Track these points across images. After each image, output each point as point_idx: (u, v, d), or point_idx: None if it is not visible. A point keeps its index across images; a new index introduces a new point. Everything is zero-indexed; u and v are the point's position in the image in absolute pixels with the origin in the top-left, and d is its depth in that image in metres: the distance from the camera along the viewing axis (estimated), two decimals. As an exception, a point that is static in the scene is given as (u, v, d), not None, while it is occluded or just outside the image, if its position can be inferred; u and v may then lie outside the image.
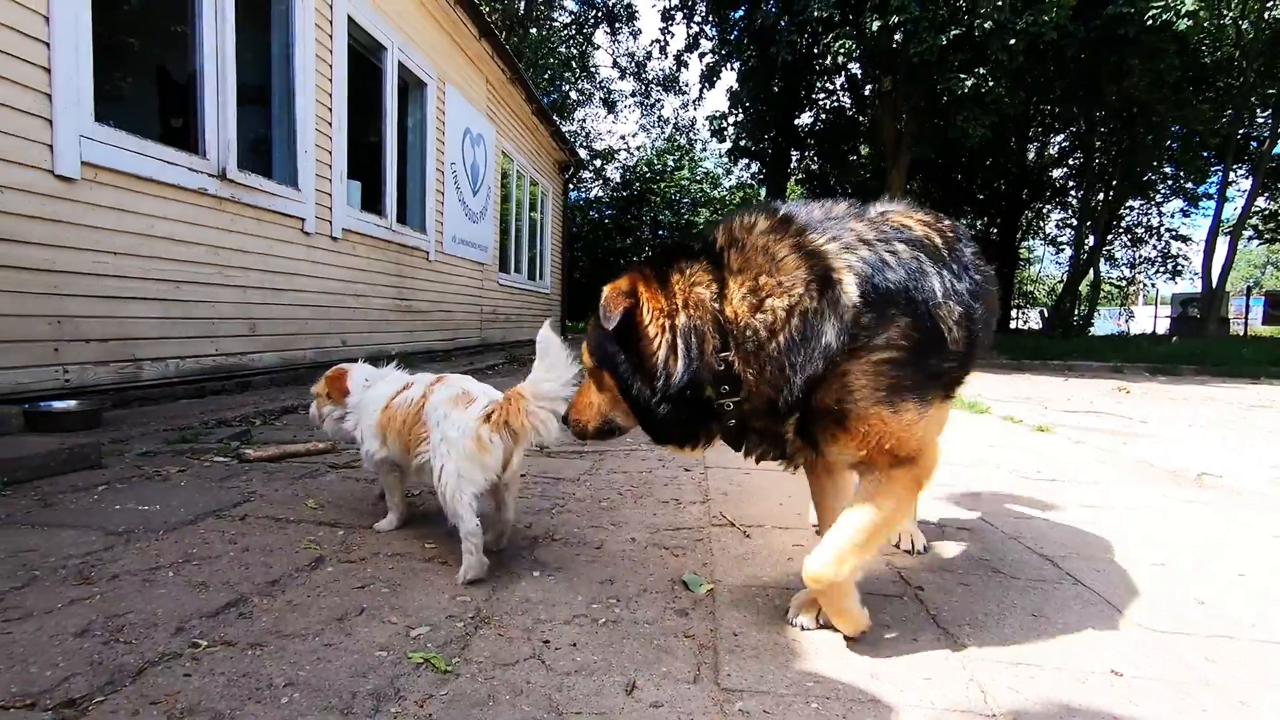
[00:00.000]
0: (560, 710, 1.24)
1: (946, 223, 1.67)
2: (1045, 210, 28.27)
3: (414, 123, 8.78)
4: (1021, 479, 3.37)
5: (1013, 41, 12.26)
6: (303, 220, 6.12)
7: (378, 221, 7.61)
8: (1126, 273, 30.64)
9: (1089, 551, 2.31)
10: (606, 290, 1.54)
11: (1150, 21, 12.42)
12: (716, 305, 1.45)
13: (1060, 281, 28.22)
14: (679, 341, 1.46)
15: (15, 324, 3.61)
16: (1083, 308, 22.61)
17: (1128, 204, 25.04)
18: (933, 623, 1.70)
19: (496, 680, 1.34)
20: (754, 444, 1.61)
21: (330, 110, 6.52)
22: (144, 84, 6.87)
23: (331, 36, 6.45)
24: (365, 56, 7.48)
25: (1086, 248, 22.11)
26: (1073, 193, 25.13)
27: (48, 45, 3.71)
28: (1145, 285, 34.16)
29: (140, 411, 4.19)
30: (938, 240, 1.55)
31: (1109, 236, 25.48)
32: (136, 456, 3.05)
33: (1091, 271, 22.78)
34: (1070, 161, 24.57)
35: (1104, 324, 29.83)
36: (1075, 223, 23.72)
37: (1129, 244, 28.14)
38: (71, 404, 3.66)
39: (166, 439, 3.44)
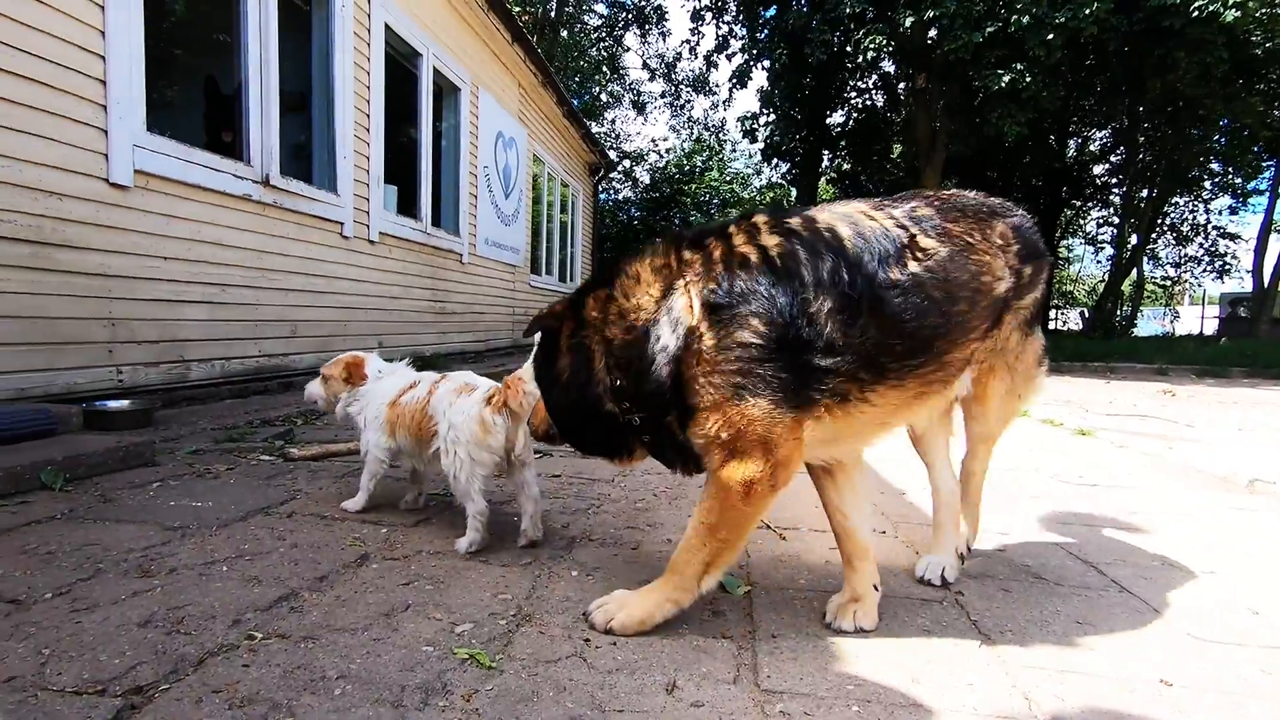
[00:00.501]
0: (603, 708, 1.27)
1: (900, 210, 1.65)
2: (1085, 208, 27.55)
3: (448, 127, 8.92)
4: (1063, 484, 3.31)
5: (1051, 36, 11.97)
6: (341, 224, 6.26)
7: (413, 225, 7.75)
8: (1171, 272, 29.69)
9: (1134, 558, 2.26)
10: (547, 309, 1.73)
11: (1196, 13, 12.01)
12: (602, 328, 1.61)
13: (1101, 281, 27.48)
14: (577, 358, 1.65)
15: (73, 326, 3.77)
16: (1125, 308, 21.99)
17: (1172, 201, 24.27)
18: (974, 628, 1.69)
19: (540, 677, 1.36)
20: (668, 455, 1.66)
21: (368, 116, 6.66)
22: (189, 93, 7.09)
23: (369, 44, 6.59)
24: (401, 62, 7.62)
25: (1129, 246, 21.49)
26: (1114, 190, 24.45)
27: (103, 58, 3.87)
28: (1191, 285, 33.08)
29: (188, 411, 4.33)
30: (845, 233, 1.54)
31: (1152, 234, 24.74)
32: (187, 454, 3.15)
33: (1134, 271, 22.14)
34: (1112, 158, 23.91)
35: (1147, 325, 28.97)
36: (1117, 220, 23.09)
37: (1174, 242, 27.24)
38: (125, 403, 3.80)
39: (214, 438, 3.55)
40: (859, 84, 20.57)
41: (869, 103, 21.41)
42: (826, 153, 21.97)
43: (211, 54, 7.70)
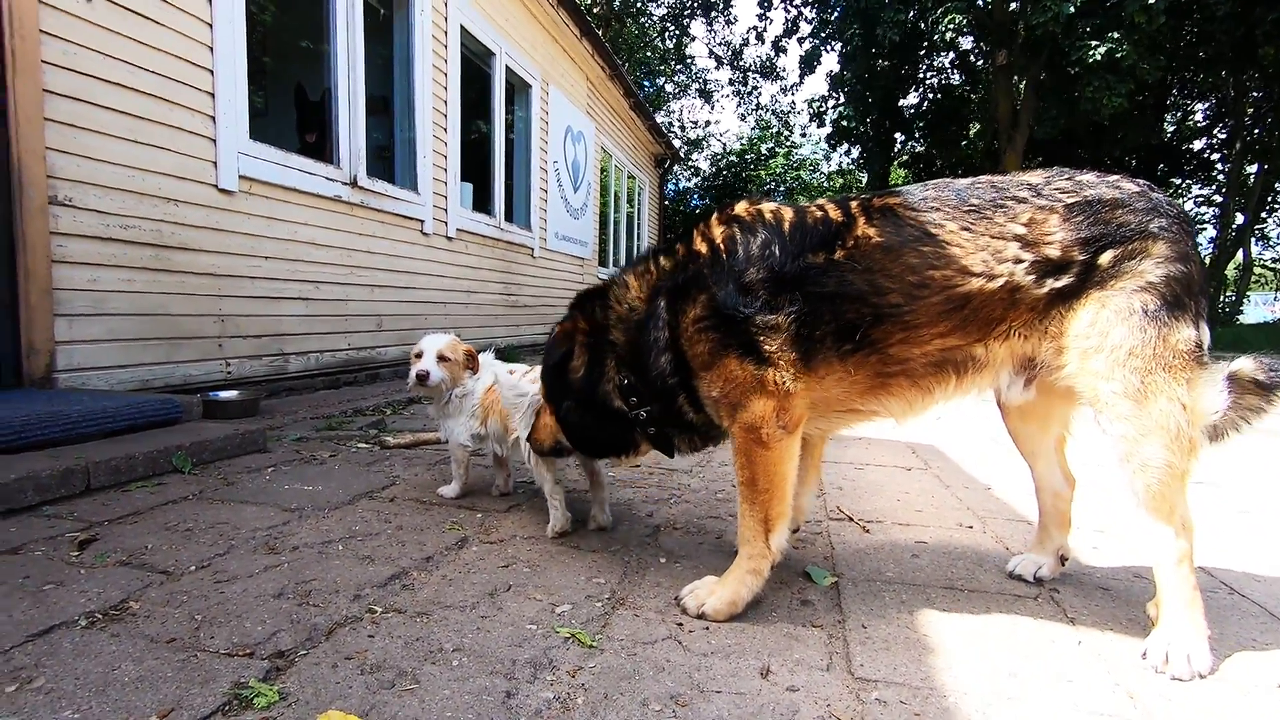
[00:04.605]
0: (701, 688, 1.32)
1: (865, 198, 1.68)
2: (1185, 186, 25.74)
3: (519, 123, 9.12)
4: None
5: (1152, 1, 11.22)
6: (422, 222, 6.52)
7: (488, 221, 7.98)
8: (1283, 253, 27.44)
9: (1245, 559, 2.15)
10: (554, 329, 1.96)
11: (1317, -28, 11.05)
12: (607, 333, 1.83)
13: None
14: (590, 360, 1.85)
15: (190, 323, 4.08)
16: (1230, 293, 20.47)
17: (1285, 176, 22.39)
18: (1071, 625, 1.66)
19: (639, 657, 1.43)
20: (670, 444, 1.88)
21: (445, 116, 6.89)
22: (280, 99, 7.48)
23: (446, 46, 6.81)
24: (475, 62, 7.84)
25: (1234, 226, 19.97)
26: (1218, 166, 22.75)
27: (211, 72, 4.15)
28: (1306, 267, 30.43)
29: (288, 401, 4.62)
30: (788, 219, 1.66)
31: (1261, 213, 22.90)
32: (292, 442, 3.39)
33: (1240, 253, 20.57)
34: (1216, 131, 22.22)
35: (1255, 311, 26.87)
36: (1220, 199, 21.47)
37: (1287, 221, 25.20)
38: (234, 394, 4.09)
39: (315, 426, 3.79)
40: (935, 63, 19.81)
41: (945, 82, 20.61)
42: (900, 135, 21.29)
43: (298, 60, 8.12)
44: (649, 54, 28.04)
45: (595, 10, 19.59)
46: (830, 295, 1.57)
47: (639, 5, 26.64)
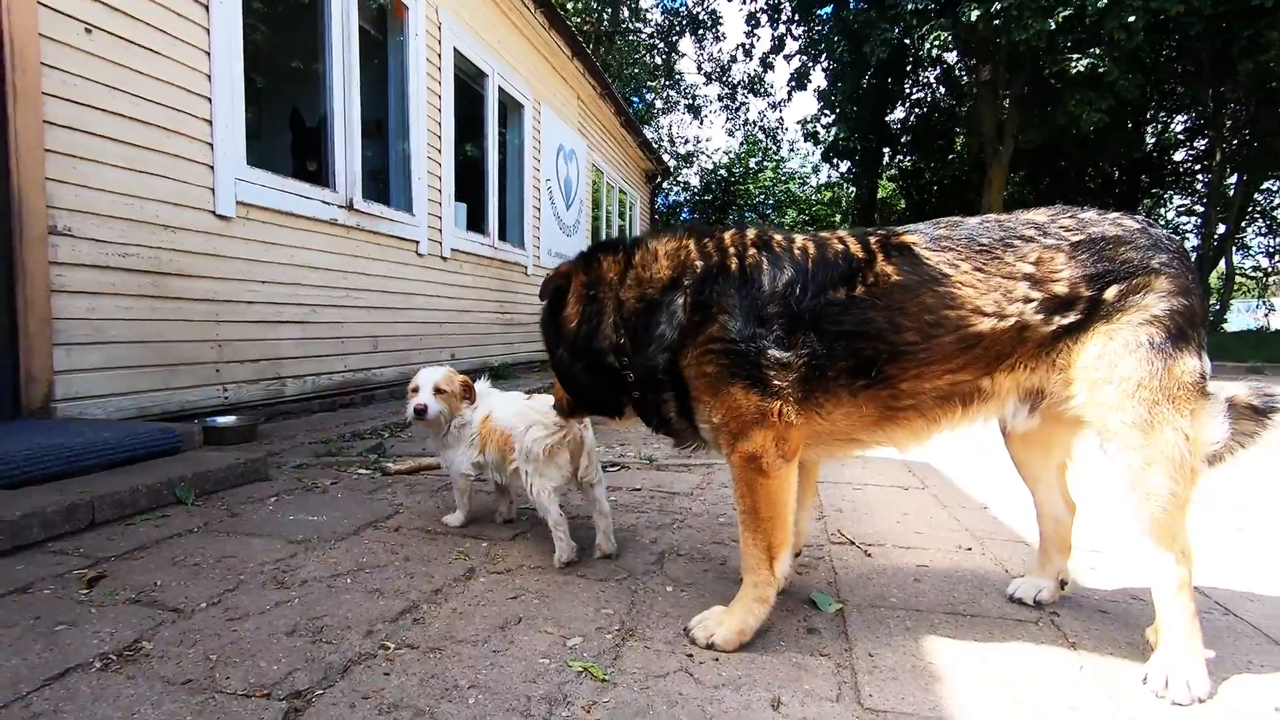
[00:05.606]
0: (715, 722, 1.34)
1: (885, 233, 1.71)
2: (1166, 196, 26.14)
3: (512, 143, 9.19)
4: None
5: (1132, 19, 11.47)
6: (417, 243, 6.55)
7: (482, 240, 8.02)
8: (1264, 262, 27.88)
9: (1238, 579, 2.20)
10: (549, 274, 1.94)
11: (1290, -11, 11.33)
12: (617, 289, 1.81)
13: (1185, 273, 25.95)
14: (587, 310, 1.84)
15: (188, 349, 4.09)
16: (1214, 302, 20.77)
17: (1263, 187, 22.80)
18: (1072, 650, 1.69)
19: (651, 690, 1.45)
20: (651, 417, 1.86)
21: (439, 138, 6.94)
22: (278, 123, 7.52)
23: (440, 69, 6.87)
24: (468, 84, 7.91)
25: (1216, 236, 20.29)
26: (1198, 176, 23.14)
27: (209, 100, 4.18)
28: (1287, 274, 30.91)
29: (284, 425, 4.62)
30: (812, 254, 1.67)
31: (1242, 222, 23.28)
32: (292, 469, 3.39)
33: (1222, 261, 20.90)
34: (1196, 143, 22.63)
35: (1238, 319, 27.24)
36: (1201, 209, 21.83)
37: (1266, 230, 25.62)
38: (233, 419, 4.10)
39: (314, 452, 3.79)
40: (921, 79, 20.11)
41: (932, 98, 20.90)
42: (887, 150, 21.55)
43: (292, 82, 8.16)
44: (637, 70, 28.31)
45: (585, 29, 19.78)
46: (849, 333, 1.60)
47: (627, 24, 26.92)
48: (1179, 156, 23.86)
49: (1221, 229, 20.45)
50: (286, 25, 7.23)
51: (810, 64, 18.18)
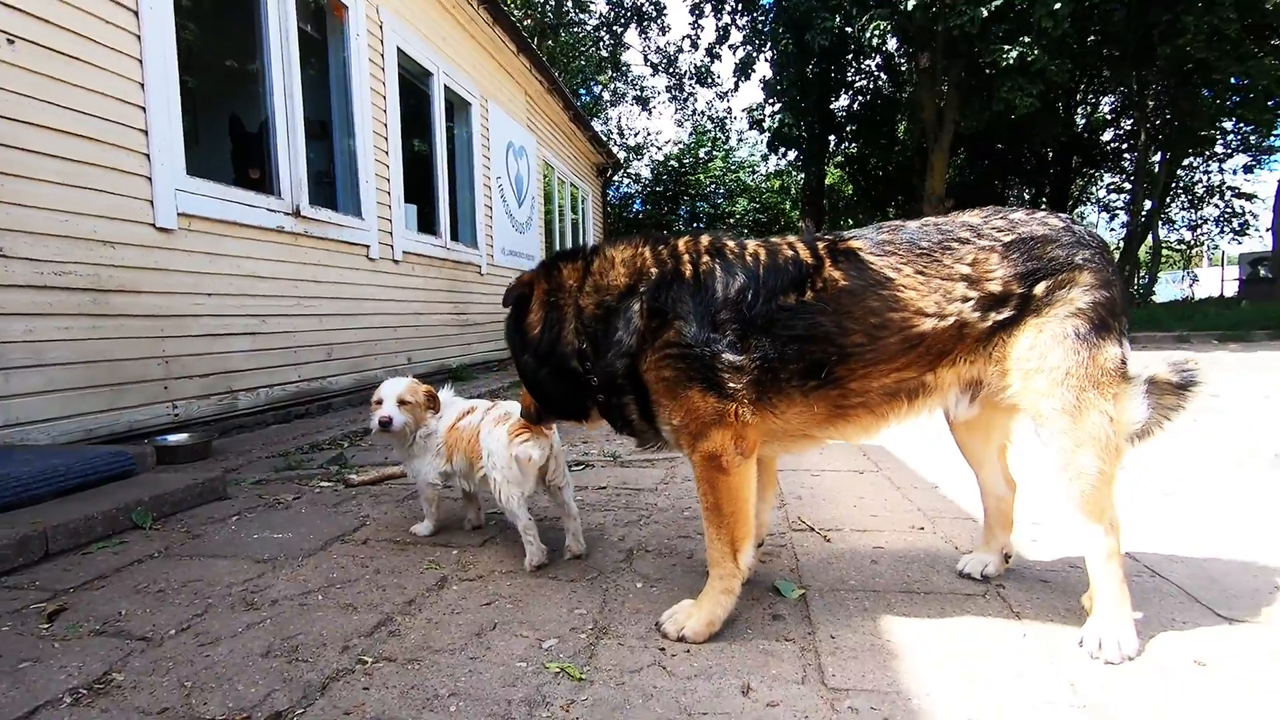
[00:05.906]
0: (689, 712, 1.41)
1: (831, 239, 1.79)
2: (1097, 175, 27.26)
3: (460, 142, 9.08)
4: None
5: (1058, 7, 11.93)
6: (368, 247, 6.45)
7: (434, 241, 7.93)
8: (1188, 235, 29.35)
9: (1164, 542, 2.37)
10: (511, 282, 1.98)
11: (1202, -24, 11.93)
12: (577, 296, 1.86)
13: (1117, 248, 27.23)
14: (549, 317, 1.89)
15: (133, 367, 3.97)
16: (1143, 274, 21.80)
17: (1185, 163, 23.99)
18: (1017, 620, 1.81)
19: (627, 685, 1.51)
20: (615, 420, 1.91)
21: (386, 140, 6.83)
22: (218, 130, 7.28)
23: (384, 69, 6.75)
24: (413, 83, 7.78)
25: (1144, 212, 21.29)
26: (1126, 155, 24.21)
27: (144, 109, 4.05)
28: (1209, 246, 32.64)
29: (239, 439, 4.53)
30: (763, 260, 1.74)
31: (1167, 198, 24.48)
32: (252, 485, 3.34)
33: (1150, 236, 21.94)
34: (1122, 123, 23.66)
35: (1166, 289, 28.64)
36: (1129, 186, 22.86)
37: (1188, 205, 26.97)
38: (184, 437, 4.00)
39: (273, 466, 3.74)
40: (863, 67, 20.50)
41: (874, 85, 21.34)
42: (833, 137, 21.93)
43: (231, 87, 7.91)
44: (584, 63, 28.14)
45: (528, 23, 19.58)
46: (800, 336, 1.68)
47: (571, 15, 26.71)
48: (1107, 136, 24.92)
49: (1149, 205, 21.44)
50: (222, 29, 7.00)
51: (755, 53, 18.37)
